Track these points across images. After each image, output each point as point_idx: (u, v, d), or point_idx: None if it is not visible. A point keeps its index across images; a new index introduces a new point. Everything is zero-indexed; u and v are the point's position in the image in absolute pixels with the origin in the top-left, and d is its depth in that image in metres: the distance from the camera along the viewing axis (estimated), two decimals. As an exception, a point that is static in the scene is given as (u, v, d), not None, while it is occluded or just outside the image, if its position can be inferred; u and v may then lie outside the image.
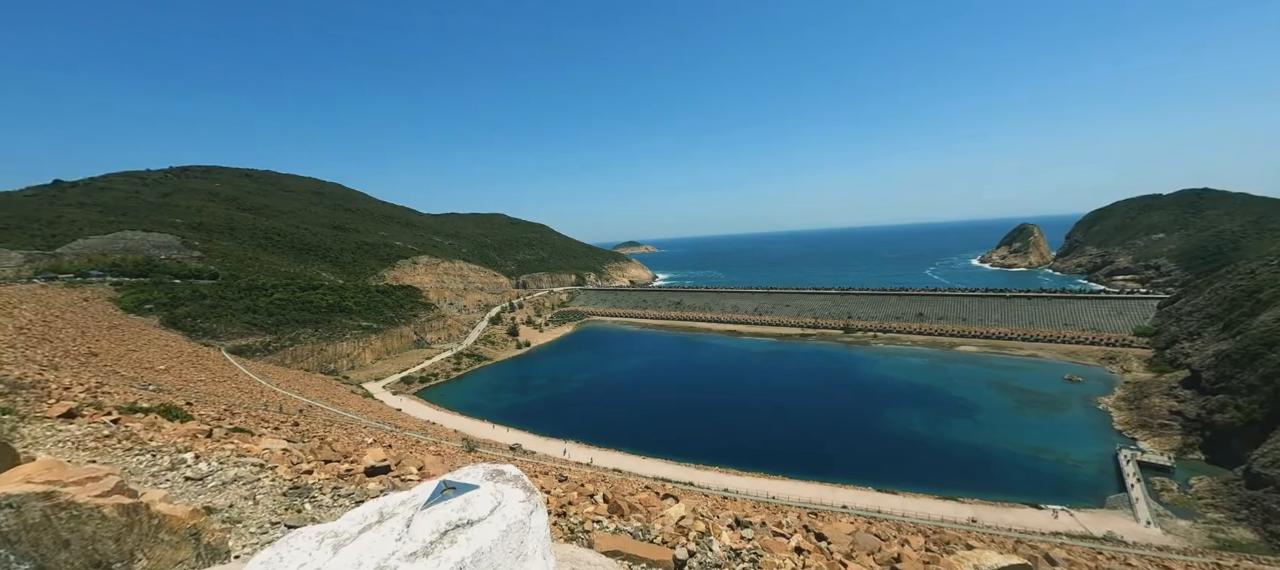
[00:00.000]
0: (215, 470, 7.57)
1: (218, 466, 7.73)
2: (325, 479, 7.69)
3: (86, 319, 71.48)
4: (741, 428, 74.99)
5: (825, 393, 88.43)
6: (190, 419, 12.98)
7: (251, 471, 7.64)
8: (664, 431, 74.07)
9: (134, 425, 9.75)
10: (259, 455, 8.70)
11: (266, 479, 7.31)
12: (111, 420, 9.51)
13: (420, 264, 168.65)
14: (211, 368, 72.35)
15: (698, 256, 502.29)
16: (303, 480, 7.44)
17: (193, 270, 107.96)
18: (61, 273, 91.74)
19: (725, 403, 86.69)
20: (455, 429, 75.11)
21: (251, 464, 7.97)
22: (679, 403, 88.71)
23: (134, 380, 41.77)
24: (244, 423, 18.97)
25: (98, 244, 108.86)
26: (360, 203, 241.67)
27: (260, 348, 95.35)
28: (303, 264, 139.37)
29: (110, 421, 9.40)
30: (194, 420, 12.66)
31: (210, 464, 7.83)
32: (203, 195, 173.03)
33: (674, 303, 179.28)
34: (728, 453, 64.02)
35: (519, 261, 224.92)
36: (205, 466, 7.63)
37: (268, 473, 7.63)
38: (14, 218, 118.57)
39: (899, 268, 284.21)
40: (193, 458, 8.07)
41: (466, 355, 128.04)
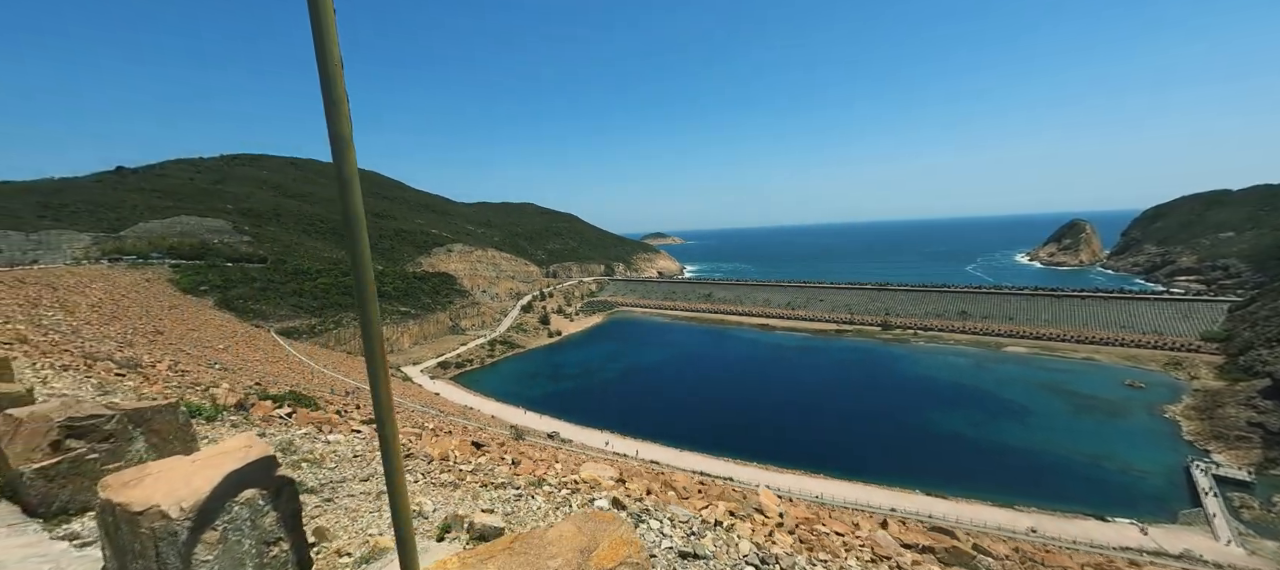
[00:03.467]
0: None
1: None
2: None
3: (149, 298, 75.28)
4: (778, 423, 73.68)
5: (864, 391, 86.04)
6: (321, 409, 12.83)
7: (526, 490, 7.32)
8: (699, 425, 73.42)
9: (309, 416, 9.76)
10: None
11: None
12: (286, 412, 9.53)
13: (455, 252, 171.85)
14: (263, 348, 75.34)
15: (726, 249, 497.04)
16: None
17: (243, 254, 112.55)
18: (125, 254, 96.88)
19: (760, 397, 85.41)
20: (492, 415, 76.36)
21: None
22: (712, 396, 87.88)
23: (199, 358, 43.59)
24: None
25: (156, 228, 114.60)
26: (397, 191, 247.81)
27: (306, 330, 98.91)
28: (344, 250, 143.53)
29: (285, 413, 9.43)
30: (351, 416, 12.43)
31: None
32: (252, 182, 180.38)
33: (704, 295, 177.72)
34: (766, 448, 63.00)
35: (549, 251, 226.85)
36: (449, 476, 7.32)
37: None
38: (82, 202, 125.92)
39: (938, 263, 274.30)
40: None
41: (500, 342, 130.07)
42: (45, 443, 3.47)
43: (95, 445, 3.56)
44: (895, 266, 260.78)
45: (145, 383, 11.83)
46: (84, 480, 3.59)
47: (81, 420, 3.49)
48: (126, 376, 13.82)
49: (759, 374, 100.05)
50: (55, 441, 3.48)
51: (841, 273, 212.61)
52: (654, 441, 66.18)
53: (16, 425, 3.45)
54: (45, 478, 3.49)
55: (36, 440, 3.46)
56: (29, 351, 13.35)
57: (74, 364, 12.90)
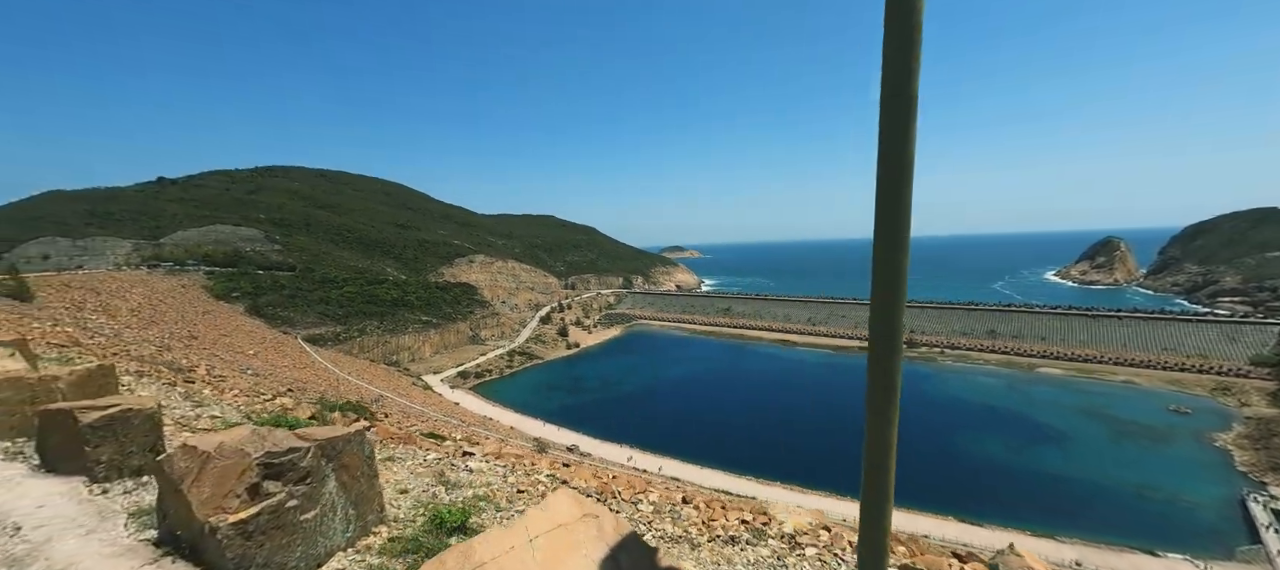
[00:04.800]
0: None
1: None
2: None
3: (184, 304, 77.75)
4: (800, 441, 72.02)
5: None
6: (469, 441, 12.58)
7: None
8: (720, 441, 72.24)
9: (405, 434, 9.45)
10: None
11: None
12: (364, 426, 9.18)
13: (476, 263, 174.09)
14: (291, 355, 76.88)
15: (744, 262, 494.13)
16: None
17: (274, 262, 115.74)
18: (163, 261, 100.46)
19: (781, 414, 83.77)
20: (511, 426, 76.34)
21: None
22: (732, 411, 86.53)
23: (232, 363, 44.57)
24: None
25: (193, 236, 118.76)
26: (421, 202, 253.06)
27: (331, 337, 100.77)
28: (370, 259, 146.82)
29: (364, 427, 9.06)
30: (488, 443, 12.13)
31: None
32: (283, 193, 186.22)
33: (722, 309, 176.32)
34: (787, 467, 61.48)
35: (568, 262, 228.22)
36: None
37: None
38: (125, 210, 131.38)
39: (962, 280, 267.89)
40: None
41: (519, 353, 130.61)
42: (241, 486, 2.64)
43: (293, 488, 2.76)
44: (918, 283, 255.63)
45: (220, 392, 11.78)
46: (283, 536, 2.77)
47: (280, 456, 2.71)
48: (214, 387, 13.81)
49: (780, 390, 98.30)
50: (253, 485, 2.67)
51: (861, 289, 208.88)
52: (675, 457, 65.21)
53: (202, 461, 2.57)
54: (243, 534, 2.63)
55: (229, 483, 2.64)
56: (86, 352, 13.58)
57: (149, 371, 13.03)
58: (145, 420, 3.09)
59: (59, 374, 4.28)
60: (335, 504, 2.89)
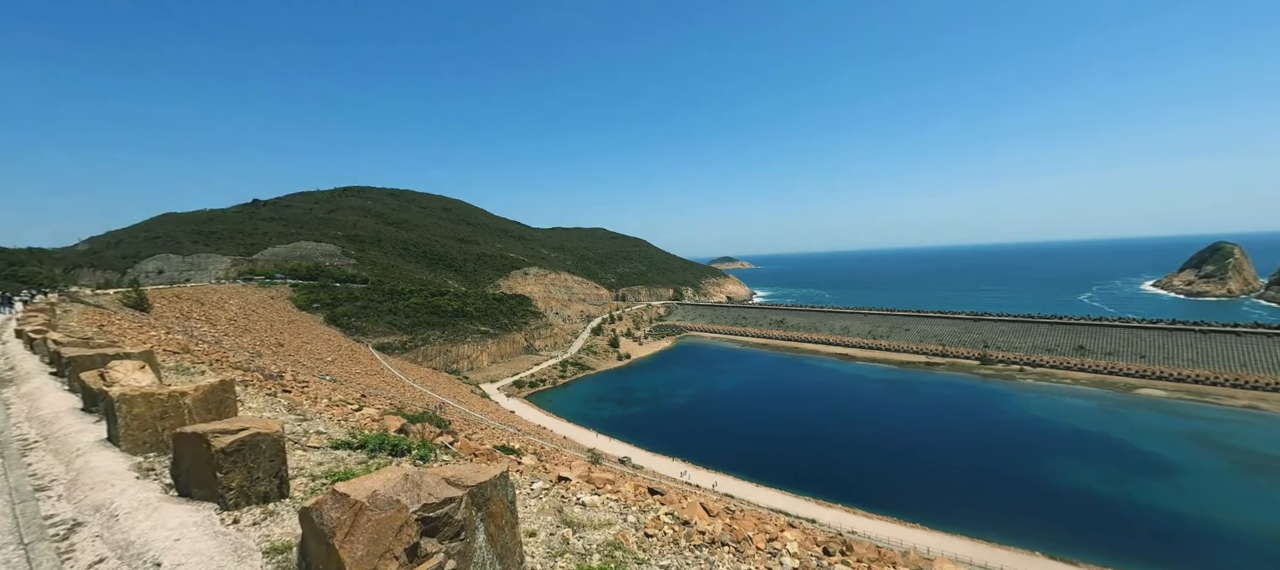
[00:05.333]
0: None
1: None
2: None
3: (273, 314, 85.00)
4: (861, 462, 68.32)
5: (961, 431, 77.83)
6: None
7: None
8: (775, 458, 69.79)
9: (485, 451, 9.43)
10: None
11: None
12: (448, 440, 8.91)
13: (530, 275, 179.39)
14: (363, 361, 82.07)
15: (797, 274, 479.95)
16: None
17: (349, 275, 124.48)
18: (256, 274, 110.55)
19: (841, 432, 79.95)
20: (565, 436, 77.37)
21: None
22: (788, 428, 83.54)
23: (312, 369, 48.17)
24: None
25: (281, 252, 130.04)
26: (480, 217, 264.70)
27: (398, 346, 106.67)
28: (433, 272, 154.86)
29: (449, 442, 8.76)
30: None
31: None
32: (358, 211, 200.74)
33: (776, 321, 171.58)
34: (851, 489, 58.35)
35: (618, 274, 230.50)
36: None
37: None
38: (225, 229, 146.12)
39: (1043, 291, 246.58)
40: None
41: (571, 363, 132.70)
42: (399, 545, 2.30)
43: (449, 545, 2.43)
44: (995, 294, 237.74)
45: (313, 401, 12.55)
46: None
47: (437, 508, 2.38)
48: (310, 397, 14.84)
49: (839, 407, 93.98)
50: (412, 545, 2.32)
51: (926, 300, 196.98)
52: (730, 473, 63.60)
53: (355, 513, 2.26)
54: (405, 606, 2.36)
55: (386, 541, 2.28)
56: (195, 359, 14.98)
57: (252, 380, 14.21)
58: (271, 445, 3.23)
59: (185, 390, 4.62)
60: (485, 561, 2.56)
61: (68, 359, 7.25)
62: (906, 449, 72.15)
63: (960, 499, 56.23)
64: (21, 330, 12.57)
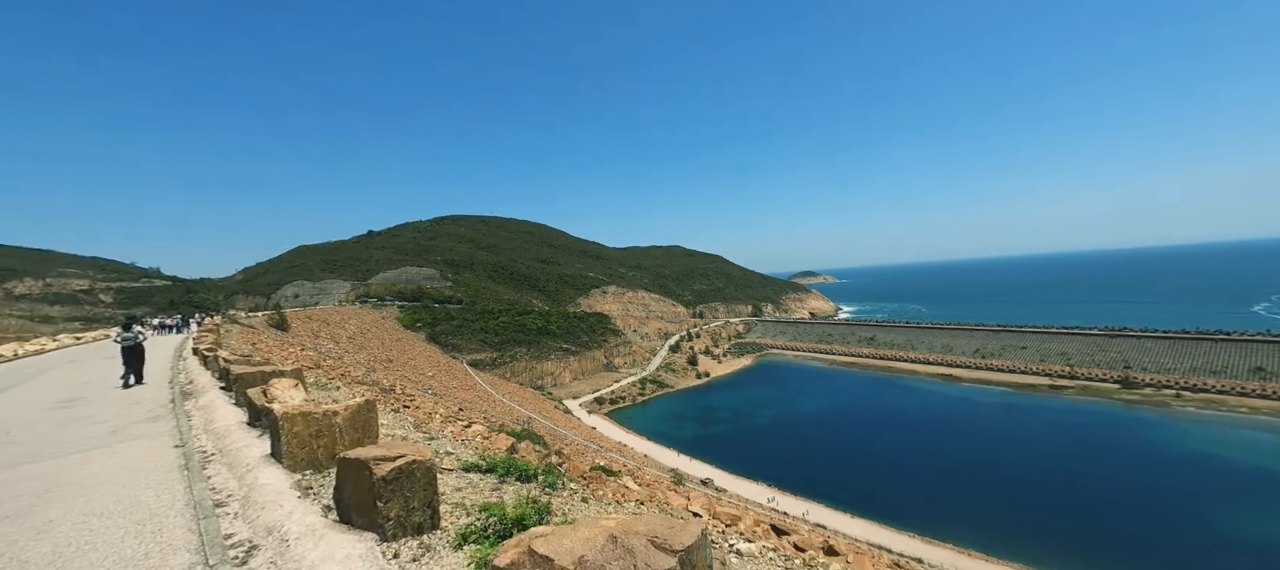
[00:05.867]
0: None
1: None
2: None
3: (384, 332, 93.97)
4: (975, 495, 60.95)
5: (1100, 465, 67.02)
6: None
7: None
8: (871, 487, 64.39)
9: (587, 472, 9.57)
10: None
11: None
12: (556, 461, 8.35)
13: (608, 293, 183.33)
14: (459, 377, 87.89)
15: (887, 287, 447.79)
16: None
17: (446, 296, 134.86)
18: (369, 297, 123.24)
19: (947, 460, 72.15)
20: (645, 454, 77.11)
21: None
22: (884, 454, 76.95)
23: (417, 383, 52.32)
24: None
25: (390, 276, 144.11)
26: (560, 239, 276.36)
27: (489, 362, 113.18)
28: (519, 292, 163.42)
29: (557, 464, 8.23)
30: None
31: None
32: (454, 238, 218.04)
33: (866, 338, 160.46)
34: (957, 523, 52.16)
35: (695, 291, 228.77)
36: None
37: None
38: (345, 258, 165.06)
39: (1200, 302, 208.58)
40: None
41: (650, 381, 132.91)
42: None
43: None
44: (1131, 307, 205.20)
45: (429, 417, 13.30)
46: None
47: None
48: (428, 413, 16.31)
49: (944, 432, 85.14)
50: None
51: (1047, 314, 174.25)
52: (821, 502, 59.63)
53: None
54: None
55: None
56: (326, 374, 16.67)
57: (379, 397, 15.61)
58: (425, 473, 3.21)
59: (337, 410, 4.87)
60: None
61: (235, 376, 8.21)
62: (1029, 482, 63.46)
63: (1097, 541, 48.19)
64: (196, 348, 14.79)
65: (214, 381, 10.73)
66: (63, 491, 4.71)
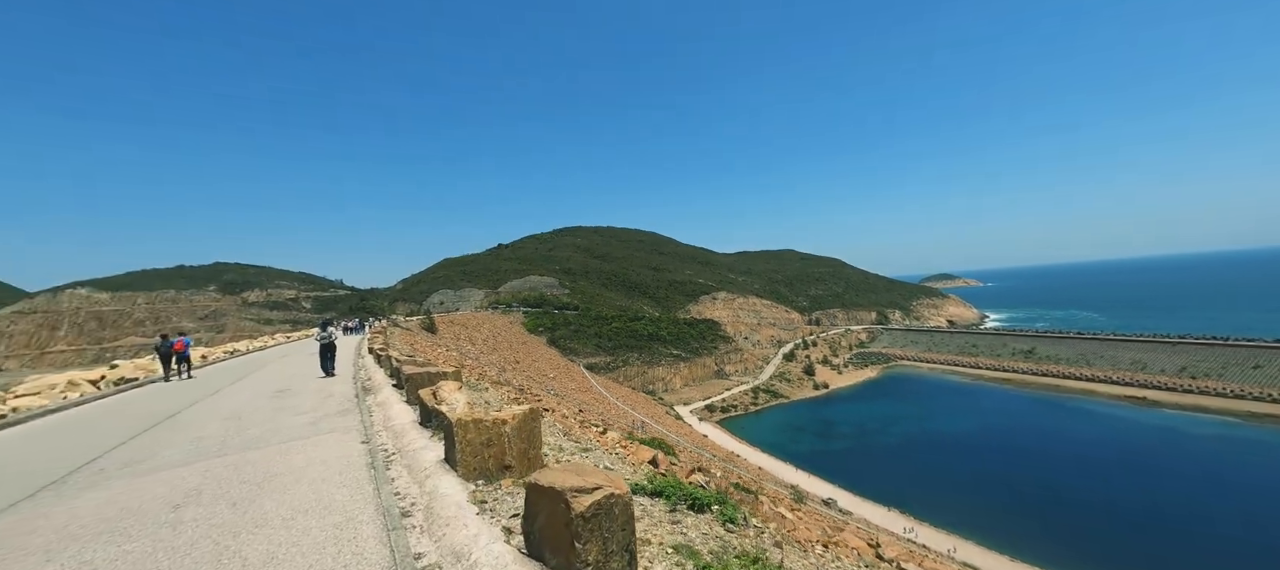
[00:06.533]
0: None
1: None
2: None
3: (511, 336, 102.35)
4: (1187, 548, 48.37)
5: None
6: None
7: None
8: (1039, 525, 54.34)
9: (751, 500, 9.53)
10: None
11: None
12: (704, 480, 8.68)
13: (718, 299, 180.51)
14: (577, 379, 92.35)
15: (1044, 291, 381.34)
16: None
17: (564, 303, 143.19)
18: (499, 303, 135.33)
19: (1144, 502, 58.44)
20: (759, 466, 73.67)
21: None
22: (1052, 488, 64.62)
23: (540, 383, 55.81)
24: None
25: (516, 285, 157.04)
26: (670, 246, 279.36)
27: (603, 366, 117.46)
28: (631, 299, 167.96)
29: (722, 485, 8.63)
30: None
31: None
32: (571, 247, 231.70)
33: (1022, 351, 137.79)
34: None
35: (811, 297, 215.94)
36: None
37: None
38: (479, 269, 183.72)
39: None
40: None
41: (763, 390, 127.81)
42: None
43: None
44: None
45: (584, 428, 13.67)
46: None
47: None
48: (563, 421, 17.30)
49: (1138, 468, 69.27)
50: None
51: (1273, 324, 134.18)
52: (971, 539, 51.83)
53: None
54: None
55: None
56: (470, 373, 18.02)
57: (508, 396, 16.71)
58: (623, 510, 2.74)
59: (506, 418, 4.68)
60: None
61: (407, 376, 8.86)
62: (1268, 538, 48.68)
63: None
64: (371, 348, 16.99)
65: (387, 379, 11.93)
66: (275, 482, 5.13)
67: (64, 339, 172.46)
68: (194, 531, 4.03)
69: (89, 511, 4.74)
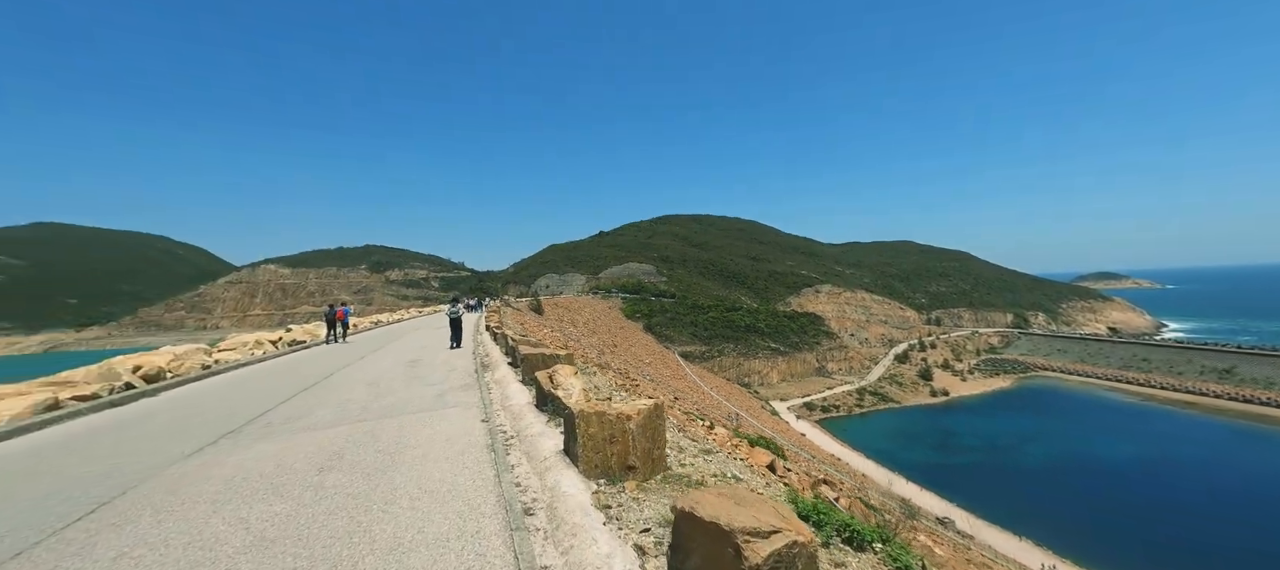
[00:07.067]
0: None
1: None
2: None
3: (610, 321, 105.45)
4: None
5: None
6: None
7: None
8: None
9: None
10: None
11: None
12: (819, 479, 8.75)
13: (822, 292, 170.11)
14: (671, 366, 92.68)
15: (1247, 297, 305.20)
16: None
17: (661, 290, 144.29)
18: (599, 289, 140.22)
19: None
20: (864, 473, 68.23)
21: None
22: (1254, 538, 51.64)
23: (637, 368, 56.66)
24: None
25: (615, 272, 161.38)
26: (770, 236, 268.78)
27: (698, 355, 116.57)
28: (728, 289, 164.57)
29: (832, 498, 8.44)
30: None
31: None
32: (669, 236, 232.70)
33: (1217, 370, 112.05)
34: None
35: (931, 294, 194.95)
36: None
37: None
38: (581, 255, 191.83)
39: None
40: None
41: (870, 392, 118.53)
42: None
43: None
44: None
45: (707, 428, 13.29)
46: None
47: None
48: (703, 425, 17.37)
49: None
50: None
51: None
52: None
53: None
54: None
55: None
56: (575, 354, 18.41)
57: (616, 382, 16.83)
58: (807, 563, 2.05)
59: (630, 413, 4.23)
60: None
61: (523, 356, 8.96)
62: None
63: None
64: (488, 325, 18.11)
65: (503, 357, 12.42)
66: (405, 456, 5.23)
67: (259, 305, 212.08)
68: (333, 501, 4.12)
69: (252, 465, 5.19)
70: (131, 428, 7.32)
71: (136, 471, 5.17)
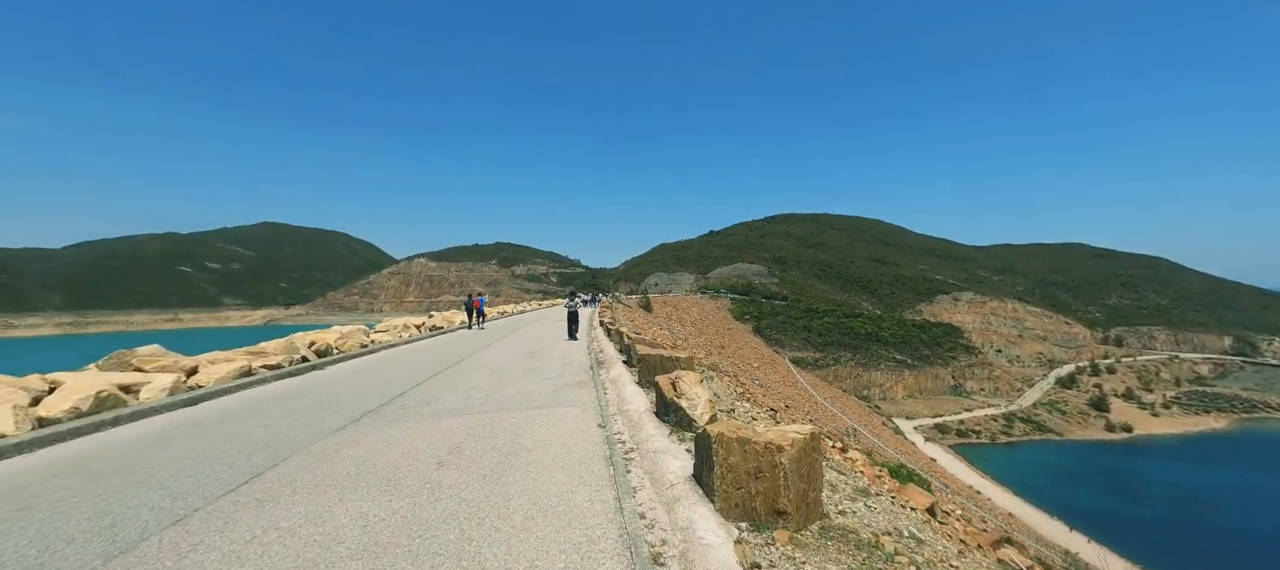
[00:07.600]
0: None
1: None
2: None
3: (718, 321, 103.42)
4: None
5: None
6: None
7: None
8: None
9: None
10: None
11: None
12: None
13: (962, 301, 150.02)
14: (780, 372, 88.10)
15: None
16: None
17: (772, 292, 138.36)
18: (708, 288, 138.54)
19: None
20: (1009, 512, 58.57)
21: None
22: None
23: (745, 373, 54.48)
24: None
25: (724, 272, 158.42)
26: (899, 237, 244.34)
27: (810, 361, 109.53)
28: (846, 293, 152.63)
29: None
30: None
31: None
32: (782, 236, 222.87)
33: None
34: None
35: (1109, 307, 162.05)
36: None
37: None
38: (690, 254, 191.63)
39: None
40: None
41: (1021, 418, 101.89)
42: None
43: None
44: None
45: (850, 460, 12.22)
46: None
47: None
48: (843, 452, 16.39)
49: None
50: None
51: None
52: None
53: None
54: None
55: None
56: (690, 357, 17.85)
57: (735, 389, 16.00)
58: None
59: (782, 444, 3.37)
60: None
61: (640, 356, 8.48)
62: None
63: None
64: (602, 320, 18.31)
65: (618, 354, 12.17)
66: (520, 460, 4.92)
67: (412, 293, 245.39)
68: (446, 506, 3.86)
69: (381, 452, 5.28)
70: (296, 399, 8.22)
71: (289, 444, 5.58)
